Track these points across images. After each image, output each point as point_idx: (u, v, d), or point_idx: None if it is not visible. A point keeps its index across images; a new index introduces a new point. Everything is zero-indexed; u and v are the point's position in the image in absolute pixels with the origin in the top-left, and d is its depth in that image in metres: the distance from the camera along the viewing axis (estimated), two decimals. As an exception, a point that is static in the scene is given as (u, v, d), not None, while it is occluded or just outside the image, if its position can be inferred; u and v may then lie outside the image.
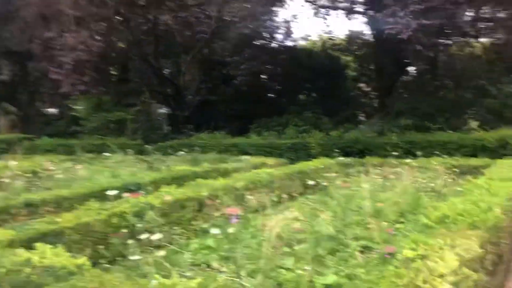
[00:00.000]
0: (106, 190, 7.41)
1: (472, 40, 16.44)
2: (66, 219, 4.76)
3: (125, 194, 5.39)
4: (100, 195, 7.30)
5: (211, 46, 19.57)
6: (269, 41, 20.49)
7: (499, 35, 15.10)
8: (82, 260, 3.18)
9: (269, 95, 21.98)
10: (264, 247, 4.37)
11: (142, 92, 23.74)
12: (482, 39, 16.95)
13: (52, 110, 30.20)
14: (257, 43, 19.81)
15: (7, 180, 8.57)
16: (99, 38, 15.24)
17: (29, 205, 6.23)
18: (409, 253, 2.99)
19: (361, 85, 24.64)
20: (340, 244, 5.11)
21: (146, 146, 16.41)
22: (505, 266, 4.29)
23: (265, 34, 19.99)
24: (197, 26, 17.47)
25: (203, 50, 19.60)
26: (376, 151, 12.77)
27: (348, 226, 5.71)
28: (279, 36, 20.96)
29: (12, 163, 9.45)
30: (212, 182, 7.03)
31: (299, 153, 14.55)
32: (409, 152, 12.39)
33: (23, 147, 18.02)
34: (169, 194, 6.08)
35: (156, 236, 4.70)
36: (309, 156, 13.96)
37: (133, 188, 7.77)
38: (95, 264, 4.03)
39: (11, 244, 3.98)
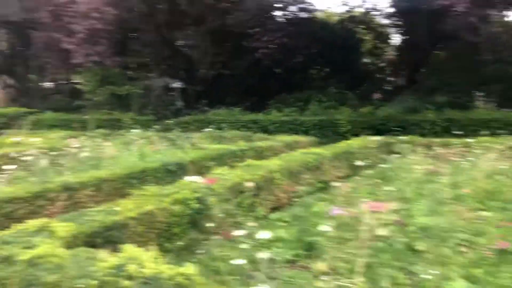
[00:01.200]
0: (144, 170, 6.78)
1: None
2: (126, 208, 4.06)
3: (190, 178, 4.65)
4: (139, 176, 6.64)
5: (227, 16, 18.51)
6: (290, 13, 19.43)
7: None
8: (190, 269, 2.49)
9: (286, 69, 21.03)
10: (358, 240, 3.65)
11: (153, 65, 22.79)
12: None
13: (48, 84, 29.13)
14: (278, 14, 18.78)
15: (28, 158, 7.86)
16: (111, 6, 14.15)
17: (67, 189, 5.52)
18: None
19: (378, 61, 23.76)
20: (435, 237, 4.45)
21: (167, 121, 15.63)
22: None
23: (285, 4, 18.94)
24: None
25: (218, 21, 18.59)
26: (411, 129, 12.06)
27: (432, 215, 5.05)
28: (297, 8, 19.91)
29: (33, 139, 8.69)
30: (266, 163, 6.32)
31: (326, 130, 13.83)
32: (446, 130, 11.72)
33: (28, 122, 17.19)
34: (222, 176, 5.40)
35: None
36: (338, 134, 13.27)
37: (173, 168, 7.09)
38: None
39: (74, 241, 3.29)
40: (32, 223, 3.27)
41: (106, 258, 2.62)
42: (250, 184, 4.99)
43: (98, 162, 7.94)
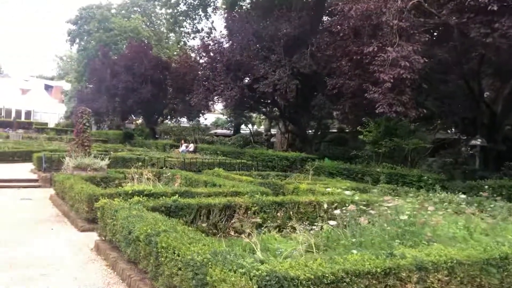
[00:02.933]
0: (507, 257, 4.95)
1: None
2: None
3: None
4: (500, 264, 4.85)
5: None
6: None
7: None
8: None
9: None
10: None
11: (439, 118, 20.77)
12: None
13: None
14: None
15: (339, 212, 7.09)
16: (420, 54, 13.08)
17: (420, 268, 4.19)
18: None
19: None
20: None
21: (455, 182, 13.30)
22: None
23: None
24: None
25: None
26: None
27: None
28: None
29: (346, 192, 7.97)
30: None
31: None
32: None
33: (309, 168, 17.51)
34: None
35: None
36: None
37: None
38: None
39: None
40: None
41: None
42: None
43: (418, 229, 6.52)
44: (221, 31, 36.92)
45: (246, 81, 22.32)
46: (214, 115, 48.11)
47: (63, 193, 10.61)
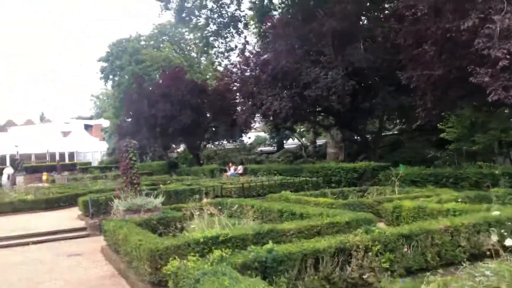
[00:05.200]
0: None
1: None
2: None
3: None
4: None
5: None
6: None
7: None
8: None
9: None
10: None
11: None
12: None
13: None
14: None
15: None
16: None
17: None
18: None
19: None
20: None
21: None
22: None
23: None
24: None
25: None
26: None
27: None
28: None
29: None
30: None
31: None
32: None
33: (393, 178, 14.92)
34: None
35: None
36: None
37: None
38: None
39: None
40: None
41: None
42: None
43: None
44: (258, 42, 35.04)
45: (295, 89, 20.13)
46: (254, 133, 46.30)
47: (116, 245, 8.70)
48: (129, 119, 43.59)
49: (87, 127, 68.33)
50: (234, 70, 26.78)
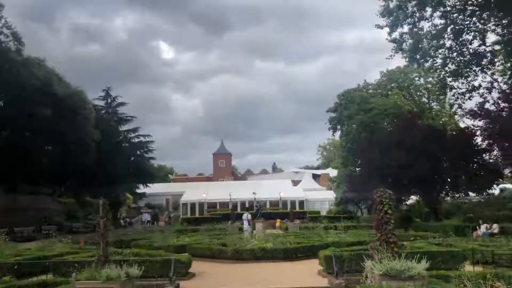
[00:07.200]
0: None
1: None
2: None
3: None
4: None
5: None
6: None
7: None
8: None
9: None
10: None
11: None
12: None
13: None
14: None
15: None
16: None
17: None
18: None
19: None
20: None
21: None
22: None
23: None
24: None
25: None
26: None
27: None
28: None
29: None
30: None
31: None
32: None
33: None
34: None
35: None
36: None
37: None
38: None
39: None
40: None
41: None
42: None
43: None
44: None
45: None
46: (507, 185, 38.87)
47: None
48: (358, 168, 42.60)
49: (315, 177, 70.70)
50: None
